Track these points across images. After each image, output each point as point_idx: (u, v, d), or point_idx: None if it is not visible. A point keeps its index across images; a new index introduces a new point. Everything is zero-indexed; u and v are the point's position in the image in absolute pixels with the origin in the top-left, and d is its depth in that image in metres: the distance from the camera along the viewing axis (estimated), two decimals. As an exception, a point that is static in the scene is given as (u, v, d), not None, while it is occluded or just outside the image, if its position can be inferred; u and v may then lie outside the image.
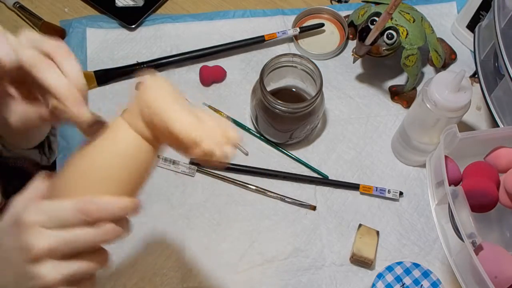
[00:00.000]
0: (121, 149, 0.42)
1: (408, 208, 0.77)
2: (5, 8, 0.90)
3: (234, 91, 0.84)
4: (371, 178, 0.79)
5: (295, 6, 0.93)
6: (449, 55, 0.87)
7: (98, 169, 0.41)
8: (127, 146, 0.42)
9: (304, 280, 0.71)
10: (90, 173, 0.41)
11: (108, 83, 0.84)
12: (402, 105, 0.84)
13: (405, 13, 0.78)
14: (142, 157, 0.43)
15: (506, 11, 0.70)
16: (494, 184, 0.60)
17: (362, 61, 0.88)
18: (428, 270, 0.69)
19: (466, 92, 0.65)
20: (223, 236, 0.73)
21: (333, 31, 0.90)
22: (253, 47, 0.88)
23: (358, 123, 0.83)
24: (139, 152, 0.43)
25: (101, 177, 0.41)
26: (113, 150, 0.42)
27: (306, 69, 0.75)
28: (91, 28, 0.88)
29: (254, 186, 0.77)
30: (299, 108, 0.71)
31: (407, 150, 0.77)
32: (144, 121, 0.42)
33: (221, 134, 0.42)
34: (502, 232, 0.68)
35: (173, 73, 0.85)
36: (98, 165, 0.42)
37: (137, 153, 0.42)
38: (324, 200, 0.77)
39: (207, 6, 0.93)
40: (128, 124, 0.42)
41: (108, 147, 0.42)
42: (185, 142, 0.41)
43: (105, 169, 0.41)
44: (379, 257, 0.73)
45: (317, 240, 0.74)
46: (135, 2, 0.90)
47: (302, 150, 0.80)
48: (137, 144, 0.42)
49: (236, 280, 0.71)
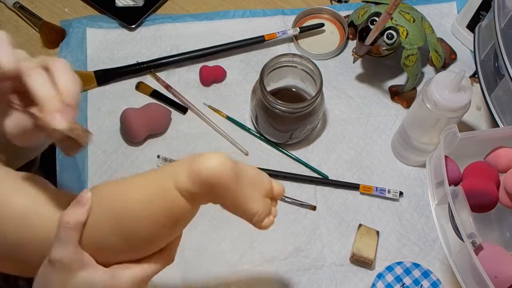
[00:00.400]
0: (165, 209, 0.43)
1: (408, 208, 0.77)
2: (5, 8, 0.90)
3: (234, 91, 0.84)
4: (371, 178, 0.79)
5: (295, 6, 0.93)
6: (449, 55, 0.87)
7: (137, 221, 0.43)
8: (171, 208, 0.43)
9: (304, 280, 0.71)
10: (129, 225, 0.43)
11: (108, 83, 0.84)
12: (402, 105, 0.84)
13: (405, 13, 0.78)
14: (183, 217, 0.44)
15: (506, 11, 0.70)
16: (494, 184, 0.60)
17: (362, 61, 0.88)
18: (428, 270, 0.69)
19: (466, 92, 0.65)
20: (223, 236, 0.73)
21: (333, 31, 0.90)
22: (253, 47, 0.88)
23: (358, 123, 0.83)
24: (182, 213, 0.44)
25: (139, 231, 0.43)
26: (158, 208, 0.43)
27: (306, 69, 0.75)
28: (91, 28, 0.88)
29: (254, 186, 0.77)
30: (299, 108, 0.71)
31: (407, 150, 0.77)
32: (197, 191, 0.42)
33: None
34: (502, 232, 0.68)
35: (173, 73, 0.85)
36: (140, 222, 0.43)
37: (180, 214, 0.43)
38: (324, 200, 0.77)
39: (207, 6, 0.93)
40: (175, 184, 0.42)
41: (153, 204, 0.43)
42: (247, 219, 0.46)
43: (146, 226, 0.43)
44: (379, 257, 0.73)
45: (317, 240, 0.74)
46: (135, 2, 0.90)
47: (302, 150, 0.80)
48: (183, 206, 0.43)
49: (236, 280, 0.71)
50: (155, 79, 0.84)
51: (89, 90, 0.83)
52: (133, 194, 0.43)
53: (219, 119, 0.82)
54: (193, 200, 0.43)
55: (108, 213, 0.44)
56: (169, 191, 0.42)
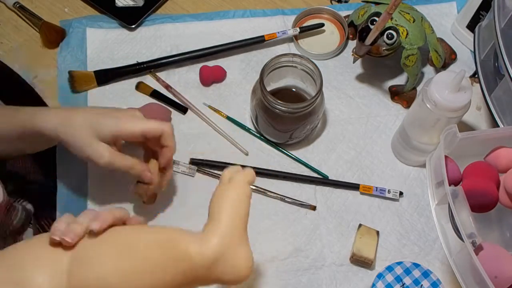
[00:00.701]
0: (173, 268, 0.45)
1: (408, 208, 0.77)
2: (5, 8, 0.90)
3: (234, 91, 0.84)
4: (371, 178, 0.79)
5: (295, 6, 0.93)
6: (449, 55, 0.87)
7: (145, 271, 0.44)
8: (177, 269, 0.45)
9: (304, 280, 0.71)
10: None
11: (108, 83, 0.84)
12: (402, 105, 0.84)
13: (405, 13, 0.78)
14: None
15: (506, 11, 0.70)
16: (494, 184, 0.60)
17: (362, 61, 0.88)
18: (428, 270, 0.69)
19: (466, 92, 0.65)
20: (223, 236, 0.73)
21: (333, 31, 0.90)
22: (253, 47, 0.88)
23: (358, 123, 0.83)
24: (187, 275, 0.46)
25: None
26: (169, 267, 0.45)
27: (306, 69, 0.75)
28: (91, 28, 0.88)
29: (254, 186, 0.77)
30: (299, 108, 0.71)
31: (407, 150, 0.77)
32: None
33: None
34: (502, 232, 0.68)
35: (173, 73, 0.85)
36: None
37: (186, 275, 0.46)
38: (324, 200, 0.77)
39: (207, 6, 0.93)
40: (193, 250, 0.45)
41: (168, 262, 0.45)
42: None
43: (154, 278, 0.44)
44: (379, 257, 0.73)
45: (317, 240, 0.74)
46: (135, 2, 0.90)
47: (302, 150, 0.80)
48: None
49: (236, 280, 0.71)
50: (155, 79, 0.84)
51: (89, 90, 0.83)
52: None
53: (219, 119, 0.82)
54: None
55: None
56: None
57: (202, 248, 0.46)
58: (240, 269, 0.47)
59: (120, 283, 0.43)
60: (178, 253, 0.45)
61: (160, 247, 0.45)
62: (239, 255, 0.48)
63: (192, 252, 0.46)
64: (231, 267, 0.47)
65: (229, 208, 0.49)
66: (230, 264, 0.47)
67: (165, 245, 0.46)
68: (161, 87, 0.84)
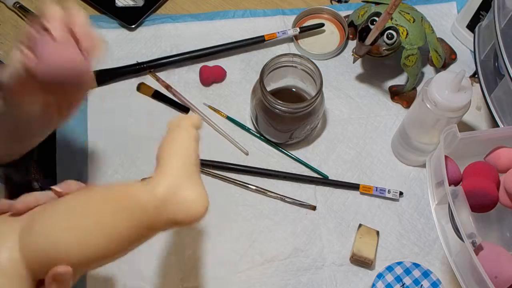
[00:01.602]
0: (127, 209, 0.44)
1: (408, 208, 0.77)
2: (5, 8, 0.90)
3: (234, 91, 0.84)
4: (371, 178, 0.79)
5: (295, 6, 0.93)
6: (449, 55, 0.87)
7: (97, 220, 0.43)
8: (133, 212, 0.44)
9: (304, 280, 0.71)
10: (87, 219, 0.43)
11: (108, 83, 0.83)
12: (402, 105, 0.84)
13: (405, 13, 0.78)
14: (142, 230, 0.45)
15: (506, 11, 0.70)
16: (494, 184, 0.60)
17: (362, 61, 0.88)
18: (428, 270, 0.69)
19: (466, 92, 0.65)
20: (223, 236, 0.73)
21: (333, 31, 0.90)
22: (253, 47, 0.88)
23: (358, 123, 0.83)
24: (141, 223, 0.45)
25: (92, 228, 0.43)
26: (121, 207, 0.44)
27: (306, 69, 0.75)
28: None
29: (254, 186, 0.77)
30: (299, 108, 0.71)
31: (407, 150, 0.77)
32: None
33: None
34: (502, 232, 0.68)
35: (173, 73, 0.85)
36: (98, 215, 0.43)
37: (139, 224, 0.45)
38: (324, 200, 0.77)
39: (207, 6, 0.93)
40: (142, 195, 0.45)
41: (118, 203, 0.44)
42: None
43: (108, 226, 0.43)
44: (379, 257, 0.73)
45: (317, 240, 0.74)
46: (135, 2, 0.90)
47: (302, 150, 0.80)
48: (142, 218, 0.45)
49: (236, 280, 0.71)
50: (155, 79, 0.84)
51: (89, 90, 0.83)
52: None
53: (219, 119, 0.82)
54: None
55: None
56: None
57: (151, 190, 0.45)
58: (191, 207, 0.46)
59: (73, 243, 0.41)
60: (129, 201, 0.44)
61: (110, 199, 0.44)
62: (189, 193, 0.46)
63: (141, 197, 0.45)
64: (182, 205, 0.46)
65: (176, 150, 0.49)
66: (181, 203, 0.46)
67: (115, 197, 0.45)
68: (161, 87, 0.84)
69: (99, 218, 0.43)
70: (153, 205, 0.45)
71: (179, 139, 0.50)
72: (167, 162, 0.48)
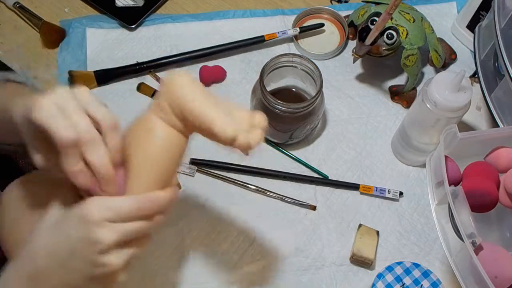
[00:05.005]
0: (160, 144, 0.47)
1: (408, 208, 0.77)
2: (5, 8, 0.90)
3: (234, 91, 0.84)
4: (371, 178, 0.79)
5: (295, 6, 0.93)
6: (449, 55, 0.87)
7: (145, 161, 0.46)
8: (164, 142, 0.47)
9: (304, 280, 0.71)
10: (140, 165, 0.46)
11: (108, 83, 0.84)
12: (402, 105, 0.84)
13: (405, 13, 0.78)
14: (178, 148, 0.48)
15: (506, 11, 0.70)
16: (494, 184, 0.60)
17: (362, 61, 0.88)
18: (428, 270, 0.70)
19: (466, 92, 0.65)
20: (223, 236, 0.73)
21: (333, 31, 0.90)
22: (253, 47, 0.88)
23: (358, 123, 0.83)
24: (176, 145, 0.48)
25: (149, 168, 0.46)
26: (155, 144, 0.47)
27: (306, 69, 0.75)
28: (91, 28, 0.88)
29: (254, 186, 0.77)
30: (299, 108, 0.71)
31: (407, 150, 0.77)
32: (176, 116, 0.47)
33: (248, 122, 0.47)
34: (502, 232, 0.68)
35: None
36: (144, 158, 0.47)
37: (174, 146, 0.48)
38: (324, 200, 0.77)
39: (207, 6, 0.93)
40: (160, 119, 0.47)
41: (150, 142, 0.47)
42: (223, 140, 0.46)
43: (151, 162, 0.47)
44: (379, 257, 0.73)
45: (317, 240, 0.74)
46: (135, 2, 0.90)
47: (302, 150, 0.80)
48: (173, 137, 0.47)
49: (236, 280, 0.71)
50: (155, 79, 0.84)
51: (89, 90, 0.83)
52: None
53: (219, 119, 0.82)
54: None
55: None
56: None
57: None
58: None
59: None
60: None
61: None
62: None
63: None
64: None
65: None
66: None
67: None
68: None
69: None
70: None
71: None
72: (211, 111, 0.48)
